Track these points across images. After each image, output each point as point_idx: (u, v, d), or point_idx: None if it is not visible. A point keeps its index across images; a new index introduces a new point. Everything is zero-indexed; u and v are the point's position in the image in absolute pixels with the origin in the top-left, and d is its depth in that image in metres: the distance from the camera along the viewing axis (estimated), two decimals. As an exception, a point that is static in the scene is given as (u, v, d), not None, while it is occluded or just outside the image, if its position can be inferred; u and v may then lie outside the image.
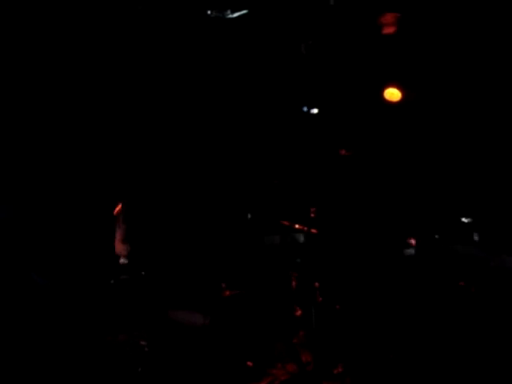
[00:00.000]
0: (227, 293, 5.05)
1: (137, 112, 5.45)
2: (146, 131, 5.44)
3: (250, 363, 4.77)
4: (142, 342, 4.66)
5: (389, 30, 5.22)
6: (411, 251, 5.31)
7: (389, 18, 5.20)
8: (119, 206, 5.02)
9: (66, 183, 5.11)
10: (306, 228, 4.98)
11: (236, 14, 4.99)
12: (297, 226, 5.05)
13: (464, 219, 5.12)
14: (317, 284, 4.91)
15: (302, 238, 5.04)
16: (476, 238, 5.09)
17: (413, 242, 5.15)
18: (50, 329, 4.66)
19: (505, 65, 5.10)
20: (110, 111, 5.31)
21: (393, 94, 5.16)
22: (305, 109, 5.00)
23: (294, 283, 5.04)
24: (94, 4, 5.05)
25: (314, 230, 4.98)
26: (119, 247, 5.07)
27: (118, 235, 5.08)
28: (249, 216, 5.08)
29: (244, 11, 5.02)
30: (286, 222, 5.09)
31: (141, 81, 5.44)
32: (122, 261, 5.03)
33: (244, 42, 5.43)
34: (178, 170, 5.49)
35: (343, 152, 5.17)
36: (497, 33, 5.03)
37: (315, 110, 4.98)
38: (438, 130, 5.27)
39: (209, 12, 4.97)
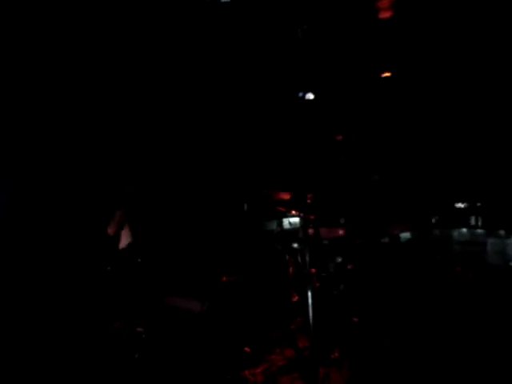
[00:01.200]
0: (224, 279, 5.06)
1: (131, 103, 5.42)
2: (142, 123, 5.41)
3: (247, 349, 4.79)
4: (139, 329, 4.67)
5: (385, 14, 5.20)
6: (407, 236, 5.31)
7: (385, 2, 5.18)
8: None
9: (61, 172, 5.09)
10: (302, 214, 4.97)
11: (231, -2, 4.92)
12: (293, 211, 5.04)
13: (460, 204, 5.12)
14: (313, 270, 4.91)
15: (299, 224, 5.03)
16: (473, 222, 5.10)
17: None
18: (46, 316, 4.66)
19: (499, 50, 5.09)
20: (105, 103, 5.28)
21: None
22: (301, 94, 4.96)
23: (291, 269, 5.05)
24: None
25: (310, 216, 4.97)
26: (118, 234, 5.07)
27: (117, 222, 5.07)
28: (245, 207, 5.07)
29: (239, -5, 4.95)
30: (282, 208, 5.08)
31: (134, 67, 5.40)
32: (121, 246, 5.04)
33: (239, 26, 5.40)
34: (175, 159, 5.47)
35: (340, 138, 5.16)
36: (494, 18, 5.01)
37: (311, 96, 4.94)
38: (434, 115, 5.26)
39: (203, -4, 4.91)
